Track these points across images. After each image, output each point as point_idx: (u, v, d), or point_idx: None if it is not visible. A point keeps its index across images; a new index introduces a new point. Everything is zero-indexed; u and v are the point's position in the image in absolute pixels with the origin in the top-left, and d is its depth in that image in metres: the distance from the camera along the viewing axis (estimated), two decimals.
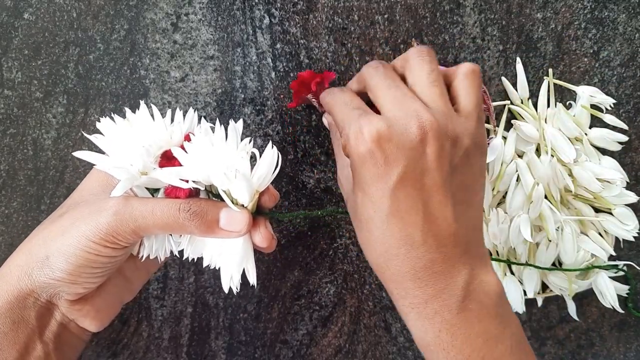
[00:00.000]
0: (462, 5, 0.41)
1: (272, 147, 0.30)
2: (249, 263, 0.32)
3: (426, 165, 0.29)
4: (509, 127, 0.42)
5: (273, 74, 0.42)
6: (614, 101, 0.41)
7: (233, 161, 0.29)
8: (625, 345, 0.46)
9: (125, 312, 0.44)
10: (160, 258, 0.33)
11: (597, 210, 0.43)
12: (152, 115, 0.32)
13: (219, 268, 0.32)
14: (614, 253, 0.42)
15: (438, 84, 0.31)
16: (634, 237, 0.42)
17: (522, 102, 0.42)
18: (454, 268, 0.30)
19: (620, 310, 0.42)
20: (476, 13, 0.41)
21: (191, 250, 0.32)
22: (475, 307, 0.30)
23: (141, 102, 0.32)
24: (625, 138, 0.41)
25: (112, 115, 0.32)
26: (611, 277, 0.43)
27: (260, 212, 0.32)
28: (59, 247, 0.29)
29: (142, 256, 0.33)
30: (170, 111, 0.32)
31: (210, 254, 0.32)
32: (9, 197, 0.42)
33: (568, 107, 0.42)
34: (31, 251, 0.30)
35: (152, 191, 0.32)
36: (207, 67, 0.42)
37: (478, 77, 0.33)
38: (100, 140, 0.30)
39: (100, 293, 0.33)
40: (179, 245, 0.33)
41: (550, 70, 0.42)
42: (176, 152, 0.30)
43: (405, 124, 0.29)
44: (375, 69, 0.33)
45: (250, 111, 0.42)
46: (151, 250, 0.32)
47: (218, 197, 0.31)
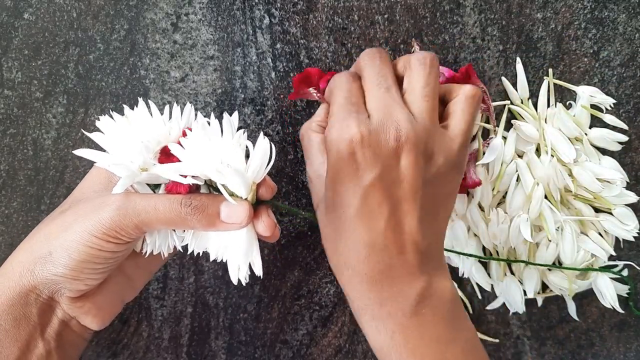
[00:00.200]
0: (462, 5, 0.41)
1: (264, 137, 0.30)
2: (255, 254, 0.32)
3: (398, 176, 0.29)
4: (509, 127, 0.42)
5: (273, 74, 0.42)
6: (614, 101, 0.41)
7: (227, 154, 0.29)
8: (625, 345, 0.46)
9: (125, 312, 0.44)
10: (164, 254, 0.33)
11: (597, 210, 0.43)
12: (150, 112, 0.32)
13: (226, 261, 0.32)
14: (614, 253, 0.42)
15: (430, 98, 0.31)
16: (634, 237, 0.42)
17: (522, 102, 0.42)
18: (411, 275, 0.30)
19: (620, 310, 0.42)
20: (476, 13, 0.41)
21: (196, 244, 0.33)
22: (428, 311, 0.30)
23: (140, 99, 0.32)
24: (625, 138, 0.41)
25: (102, 115, 0.32)
26: (611, 278, 0.43)
27: (261, 202, 0.32)
28: (61, 243, 0.30)
29: (145, 252, 0.33)
30: (167, 107, 0.32)
31: (216, 247, 0.32)
32: (9, 197, 0.42)
33: (568, 107, 0.42)
34: (33, 248, 0.30)
35: (153, 187, 0.32)
36: (207, 67, 0.42)
37: (476, 103, 0.33)
38: (100, 138, 0.31)
39: (101, 291, 0.33)
40: (182, 240, 0.33)
41: (550, 70, 0.42)
42: (173, 148, 0.30)
43: (386, 131, 0.29)
44: (371, 60, 0.33)
45: (250, 111, 0.42)
46: (154, 245, 0.33)
47: (218, 190, 0.31)
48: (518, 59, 0.42)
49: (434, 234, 0.32)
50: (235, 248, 0.31)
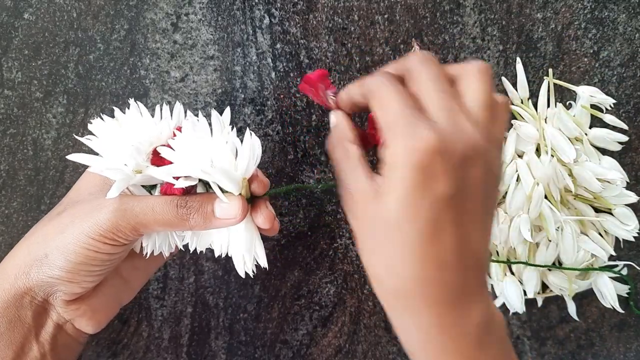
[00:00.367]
0: (462, 5, 0.41)
1: (251, 134, 0.30)
2: (257, 247, 0.32)
3: (468, 188, 0.27)
4: (509, 127, 0.42)
5: (273, 74, 0.42)
6: (614, 101, 0.41)
7: (216, 153, 0.29)
8: (625, 345, 0.46)
9: (125, 312, 0.44)
10: (165, 254, 0.33)
11: (597, 210, 0.43)
12: (140, 113, 0.32)
13: (230, 256, 0.32)
14: (614, 253, 0.42)
15: (490, 109, 0.28)
16: (634, 237, 0.42)
17: (522, 102, 0.42)
18: (477, 295, 0.28)
19: (621, 310, 0.42)
20: (476, 13, 0.41)
21: (198, 242, 0.33)
22: (494, 340, 0.29)
23: (130, 101, 0.31)
24: (625, 138, 0.41)
25: (102, 115, 0.31)
26: (611, 277, 0.43)
27: (259, 196, 0.32)
28: (57, 245, 0.29)
29: (146, 253, 0.33)
30: (158, 107, 0.32)
31: (219, 243, 0.32)
32: (9, 197, 0.42)
33: (568, 107, 0.42)
34: (29, 250, 0.30)
35: (148, 188, 0.32)
36: (207, 67, 0.42)
37: (489, 77, 0.29)
38: (92, 141, 0.30)
39: (96, 293, 0.33)
40: (182, 239, 0.33)
41: (550, 70, 0.42)
42: (163, 151, 0.30)
43: (457, 141, 0.26)
44: (427, 63, 0.29)
45: (250, 111, 0.42)
46: (155, 246, 0.33)
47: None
48: (518, 59, 0.42)
49: (488, 250, 0.30)
50: (237, 242, 0.31)
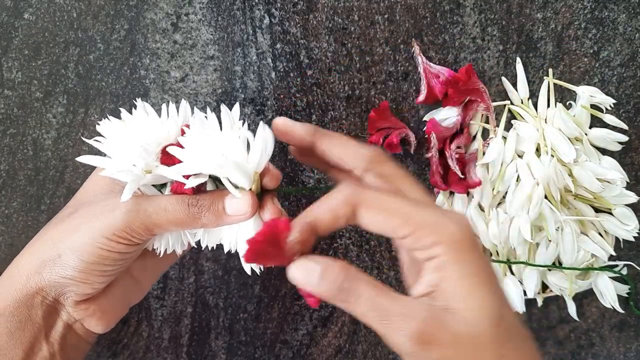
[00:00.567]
0: (462, 5, 0.41)
1: (264, 126, 0.30)
2: None
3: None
4: (509, 127, 0.42)
5: (273, 74, 0.42)
6: (614, 101, 0.41)
7: (227, 148, 0.29)
8: (625, 345, 0.46)
9: None
10: (178, 252, 0.34)
11: (597, 210, 0.43)
12: (147, 113, 0.32)
13: (238, 252, 0.33)
14: (614, 253, 0.42)
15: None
16: (634, 237, 0.42)
17: (522, 102, 0.42)
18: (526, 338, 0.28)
19: (621, 310, 0.42)
20: (476, 13, 0.41)
21: (208, 239, 0.33)
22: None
23: (138, 101, 0.31)
24: (625, 138, 0.41)
25: (108, 116, 0.31)
26: (611, 277, 0.43)
27: (267, 191, 0.32)
28: (71, 245, 0.30)
29: (159, 252, 0.33)
30: (164, 106, 0.32)
31: (228, 240, 0.33)
32: (9, 197, 0.42)
33: (568, 107, 0.42)
34: (41, 250, 0.30)
35: (159, 187, 0.32)
36: (207, 67, 0.42)
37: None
38: (100, 143, 0.30)
39: (106, 294, 0.33)
40: (194, 236, 0.33)
41: (550, 70, 0.42)
42: (172, 150, 0.30)
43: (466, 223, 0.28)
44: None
45: (250, 111, 0.42)
46: (168, 245, 0.33)
47: (223, 184, 0.31)
48: (518, 59, 0.42)
49: None
50: (245, 238, 0.32)
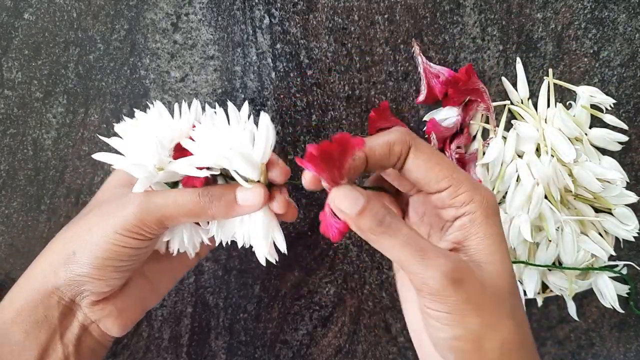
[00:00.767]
0: (462, 5, 0.41)
1: (265, 115, 0.31)
2: (276, 232, 0.33)
3: None
4: (509, 127, 0.42)
5: (273, 74, 0.42)
6: (614, 101, 0.41)
7: (234, 140, 0.30)
8: (625, 345, 0.46)
9: None
10: (190, 252, 0.34)
11: (597, 210, 0.43)
12: (160, 112, 0.33)
13: (251, 246, 0.33)
14: (614, 253, 0.42)
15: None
16: (634, 237, 0.42)
17: (522, 102, 0.42)
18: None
19: (621, 310, 0.42)
20: (476, 13, 0.41)
21: (222, 234, 0.33)
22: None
23: (156, 102, 0.32)
24: (625, 138, 0.41)
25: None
26: (611, 277, 0.43)
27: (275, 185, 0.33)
28: (85, 242, 0.30)
29: (173, 251, 0.34)
30: (177, 105, 0.33)
31: (241, 234, 0.33)
32: (9, 197, 0.42)
33: (568, 107, 0.42)
34: (58, 249, 0.31)
35: (171, 185, 0.32)
36: (207, 67, 0.42)
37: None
38: (116, 141, 0.31)
39: (122, 294, 0.33)
40: (207, 233, 0.34)
41: (550, 70, 0.42)
42: (185, 143, 0.31)
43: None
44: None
45: (250, 111, 0.42)
46: (182, 244, 0.33)
47: (234, 180, 0.32)
48: (518, 59, 0.42)
49: None
50: (256, 230, 0.32)
